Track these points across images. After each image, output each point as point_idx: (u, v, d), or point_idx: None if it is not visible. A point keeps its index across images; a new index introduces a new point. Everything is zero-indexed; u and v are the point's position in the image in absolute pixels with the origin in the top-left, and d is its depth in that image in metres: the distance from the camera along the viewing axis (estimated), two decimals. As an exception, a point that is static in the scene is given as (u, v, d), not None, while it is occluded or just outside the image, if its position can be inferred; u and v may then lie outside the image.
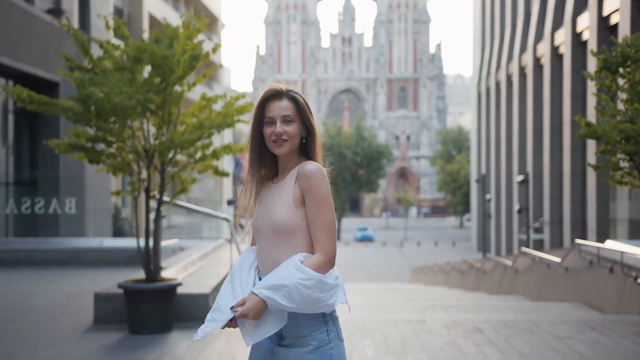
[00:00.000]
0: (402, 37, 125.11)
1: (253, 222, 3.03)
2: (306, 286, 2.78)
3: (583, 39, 26.50)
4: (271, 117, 2.96)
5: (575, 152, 27.11)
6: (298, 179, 2.92)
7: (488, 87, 46.78)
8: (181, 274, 9.20)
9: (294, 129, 2.96)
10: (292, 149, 2.97)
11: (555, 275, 12.47)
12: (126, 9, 35.36)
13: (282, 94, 2.99)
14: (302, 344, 2.90)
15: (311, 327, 2.90)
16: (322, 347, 2.90)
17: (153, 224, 7.44)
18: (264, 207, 2.99)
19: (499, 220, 42.74)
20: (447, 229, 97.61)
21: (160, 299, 7.39)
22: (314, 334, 2.90)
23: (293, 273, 2.79)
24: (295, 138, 2.97)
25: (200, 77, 7.25)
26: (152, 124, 7.15)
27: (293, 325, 2.90)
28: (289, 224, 2.89)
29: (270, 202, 2.97)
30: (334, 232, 2.94)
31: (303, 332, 2.90)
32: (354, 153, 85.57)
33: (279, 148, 2.95)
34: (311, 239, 2.92)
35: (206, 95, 7.25)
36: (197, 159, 7.32)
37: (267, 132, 2.97)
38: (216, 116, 7.32)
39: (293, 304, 2.78)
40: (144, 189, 7.32)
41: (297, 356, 2.89)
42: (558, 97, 29.80)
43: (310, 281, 2.79)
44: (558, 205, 29.81)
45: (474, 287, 20.08)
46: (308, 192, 2.90)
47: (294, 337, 2.91)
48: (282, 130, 2.93)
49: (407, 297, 14.21)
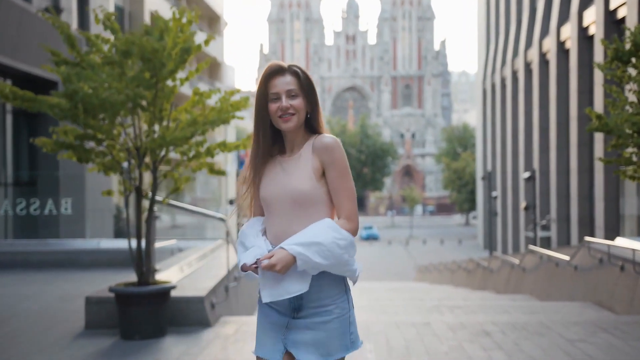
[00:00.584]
0: (407, 34, 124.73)
1: (264, 195, 3.03)
2: (340, 246, 2.86)
3: (589, 33, 26.26)
4: (276, 93, 2.98)
5: (583, 147, 26.88)
6: (317, 151, 2.97)
7: (493, 83, 46.57)
8: (177, 276, 8.85)
9: (300, 102, 2.98)
10: (299, 123, 3.00)
11: (564, 273, 12.13)
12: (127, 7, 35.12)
13: (284, 69, 3.01)
14: (324, 313, 2.95)
15: (333, 295, 2.96)
16: (344, 315, 2.97)
17: (145, 225, 7.11)
18: (278, 180, 3.00)
19: (506, 217, 42.51)
20: (453, 227, 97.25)
21: (153, 302, 7.06)
22: (337, 302, 2.96)
23: (328, 232, 2.86)
24: (302, 112, 2.99)
25: (193, 71, 6.91)
26: (144, 121, 6.82)
27: (315, 293, 2.94)
28: (312, 195, 2.94)
29: (287, 175, 2.99)
30: (356, 200, 3.04)
31: (325, 300, 2.95)
32: (359, 151, 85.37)
33: (285, 123, 2.98)
34: (328, 210, 3.00)
35: (199, 90, 6.90)
36: (191, 157, 6.98)
37: (273, 108, 2.99)
38: (210, 112, 7.00)
39: (325, 262, 2.84)
40: (135, 189, 6.99)
41: (319, 325, 2.94)
42: (564, 92, 29.61)
43: (343, 241, 2.88)
44: (565, 202, 29.58)
45: (481, 286, 19.74)
46: (330, 163, 2.96)
47: (314, 306, 2.95)
48: (288, 104, 2.96)
49: (412, 297, 13.88)
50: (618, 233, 22.95)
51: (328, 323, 2.95)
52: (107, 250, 13.49)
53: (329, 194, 2.99)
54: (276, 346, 3.02)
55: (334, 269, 2.89)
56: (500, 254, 42.66)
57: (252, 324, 8.15)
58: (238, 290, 9.92)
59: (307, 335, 2.96)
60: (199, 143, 6.83)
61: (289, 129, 2.99)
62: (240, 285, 10.11)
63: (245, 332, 7.65)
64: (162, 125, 6.77)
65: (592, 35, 25.88)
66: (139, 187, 6.88)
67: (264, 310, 3.09)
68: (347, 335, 3.00)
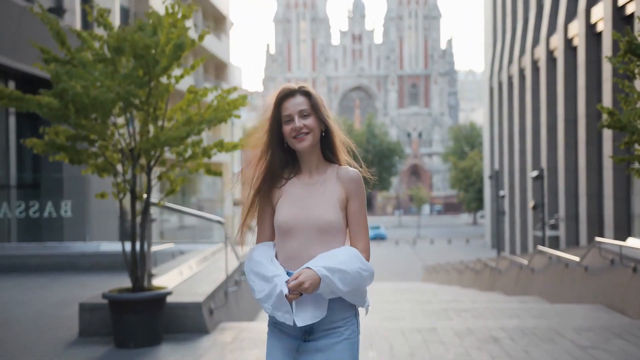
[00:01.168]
0: (413, 33, 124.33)
1: (285, 219, 3.02)
2: (362, 277, 2.94)
3: (597, 30, 25.92)
4: (289, 115, 3.04)
5: (591, 145, 26.59)
6: (343, 182, 3.06)
7: (500, 81, 46.27)
8: (176, 280, 8.55)
9: (312, 121, 3.03)
10: (314, 142, 3.04)
11: (574, 275, 11.82)
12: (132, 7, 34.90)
13: (294, 91, 3.07)
14: (334, 335, 2.99)
15: (344, 318, 3.01)
16: (352, 337, 3.02)
17: (139, 228, 6.83)
18: (302, 204, 3.03)
19: (513, 216, 42.21)
20: (461, 226, 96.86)
21: (148, 309, 6.78)
22: (348, 325, 3.01)
23: (354, 261, 2.93)
24: (316, 130, 3.04)
25: (188, 68, 6.62)
26: (138, 121, 6.54)
27: (328, 316, 2.98)
28: (336, 225, 3.00)
29: (313, 201, 3.03)
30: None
31: (337, 322, 3.00)
32: (365, 151, 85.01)
33: (300, 143, 3.02)
34: (344, 238, 3.06)
35: (194, 88, 6.62)
36: (187, 158, 6.69)
37: (287, 130, 3.04)
38: (206, 111, 6.72)
39: (345, 289, 2.89)
40: (130, 191, 6.71)
41: (329, 347, 2.98)
42: (572, 90, 29.31)
43: (367, 273, 2.96)
44: (574, 201, 29.30)
45: (489, 287, 19.43)
46: (355, 195, 3.07)
47: (326, 329, 3.00)
48: (302, 124, 3.01)
49: (418, 300, 13.59)
50: (628, 233, 22.66)
51: (338, 344, 2.99)
52: (108, 254, 13.22)
53: (346, 223, 3.07)
54: None
55: (348, 296, 2.95)
56: (508, 254, 42.42)
57: (252, 330, 7.87)
58: (238, 295, 9.62)
59: (317, 357, 2.99)
60: (196, 143, 6.54)
61: (304, 148, 3.03)
62: (240, 290, 9.82)
63: (244, 340, 7.37)
64: (156, 125, 6.48)
65: (600, 32, 25.59)
66: (133, 189, 6.60)
67: (275, 334, 3.10)
68: (355, 357, 3.04)
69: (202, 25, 47.08)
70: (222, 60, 51.31)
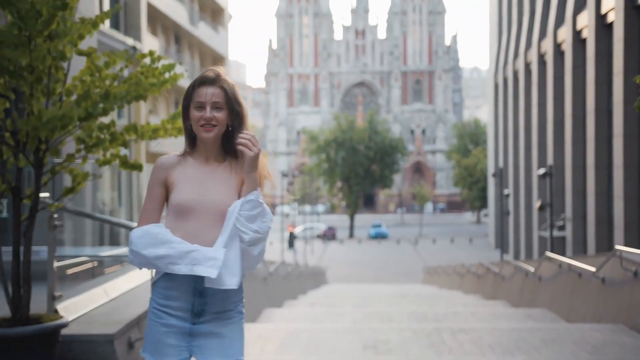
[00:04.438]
0: (417, 28, 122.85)
1: (185, 200, 3.12)
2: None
3: (608, 21, 25.05)
4: (201, 102, 3.15)
5: (601, 142, 25.80)
6: (238, 170, 3.20)
7: (505, 76, 45.48)
8: (96, 302, 6.60)
9: (223, 115, 3.16)
10: (219, 135, 3.18)
11: (589, 287, 10.43)
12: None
13: (215, 81, 3.16)
14: (226, 318, 3.16)
15: (235, 301, 3.19)
16: (241, 319, 3.21)
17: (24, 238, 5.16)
18: (203, 188, 3.15)
19: (518, 216, 41.29)
20: (464, 225, 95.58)
21: (34, 347, 4.92)
22: (238, 307, 3.21)
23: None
24: (223, 125, 3.18)
25: (87, 25, 4.98)
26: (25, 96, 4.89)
27: (220, 300, 3.13)
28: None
29: (214, 186, 3.17)
30: None
31: (228, 306, 3.17)
32: (367, 148, 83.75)
33: (206, 133, 3.16)
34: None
35: (94, 51, 5.03)
36: (90, 146, 5.04)
37: (196, 115, 3.16)
38: (121, 84, 4.98)
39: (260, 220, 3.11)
40: (11, 188, 5.08)
41: (223, 330, 3.13)
42: (581, 84, 28.50)
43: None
44: (581, 200, 28.46)
45: (492, 294, 18.08)
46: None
47: (217, 311, 3.14)
48: (212, 115, 3.14)
49: (413, 312, 12.20)
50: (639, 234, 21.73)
51: (231, 326, 3.15)
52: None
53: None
54: (182, 355, 3.12)
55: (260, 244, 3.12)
56: (512, 257, 41.33)
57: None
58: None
59: (213, 341, 3.13)
60: (104, 127, 4.98)
61: (207, 139, 3.15)
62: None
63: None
64: (39, 102, 4.85)
65: (611, 23, 24.69)
66: (16, 186, 5.03)
67: (160, 318, 3.12)
68: (243, 337, 3.23)
69: (199, 17, 45.78)
70: (220, 53, 49.99)
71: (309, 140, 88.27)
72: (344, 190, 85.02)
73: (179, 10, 41.30)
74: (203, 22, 46.53)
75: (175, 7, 40.49)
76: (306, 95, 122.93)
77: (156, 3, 36.55)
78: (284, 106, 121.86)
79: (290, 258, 46.58)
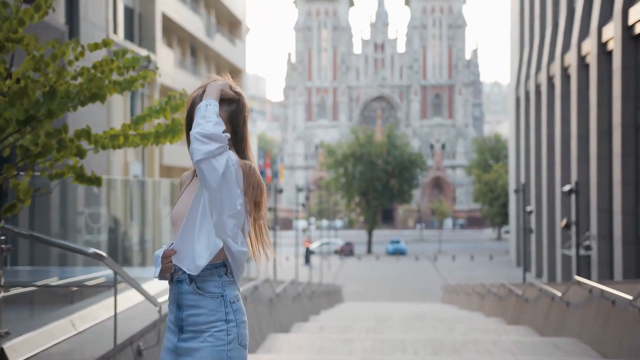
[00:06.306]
0: (437, 42, 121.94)
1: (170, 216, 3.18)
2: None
3: (635, 32, 24.26)
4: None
5: (627, 158, 24.95)
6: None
7: (527, 90, 44.67)
8: (52, 340, 5.50)
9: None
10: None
11: (625, 317, 9.47)
12: (137, 8, 33.14)
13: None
14: (198, 339, 2.98)
15: (210, 322, 2.97)
16: (219, 346, 2.94)
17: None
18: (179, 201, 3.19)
19: (540, 234, 40.33)
20: (484, 242, 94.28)
21: None
22: (212, 331, 2.97)
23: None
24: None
25: (30, 10, 4.05)
26: None
27: (193, 316, 2.98)
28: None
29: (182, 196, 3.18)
30: None
31: (202, 326, 2.98)
32: (386, 162, 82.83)
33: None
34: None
35: (32, 39, 4.09)
36: (35, 154, 4.16)
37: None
38: (59, 82, 4.13)
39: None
40: None
41: (190, 352, 2.96)
42: (607, 98, 27.64)
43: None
44: (607, 218, 27.58)
45: (515, 319, 17.07)
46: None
47: (193, 330, 2.99)
48: None
49: (430, 339, 11.27)
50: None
51: (198, 351, 2.95)
52: None
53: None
54: None
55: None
56: (535, 275, 40.26)
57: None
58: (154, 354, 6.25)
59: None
60: (53, 133, 4.09)
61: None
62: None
63: None
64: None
65: (637, 35, 23.80)
66: None
67: (166, 333, 3.10)
68: None
69: (216, 29, 45.19)
70: (237, 66, 49.41)
71: (326, 154, 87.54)
72: (362, 205, 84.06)
73: (195, 22, 40.74)
74: (220, 34, 45.94)
75: (191, 18, 39.93)
76: (324, 109, 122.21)
77: (171, 14, 35.99)
78: (302, 120, 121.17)
79: (306, 274, 45.70)
